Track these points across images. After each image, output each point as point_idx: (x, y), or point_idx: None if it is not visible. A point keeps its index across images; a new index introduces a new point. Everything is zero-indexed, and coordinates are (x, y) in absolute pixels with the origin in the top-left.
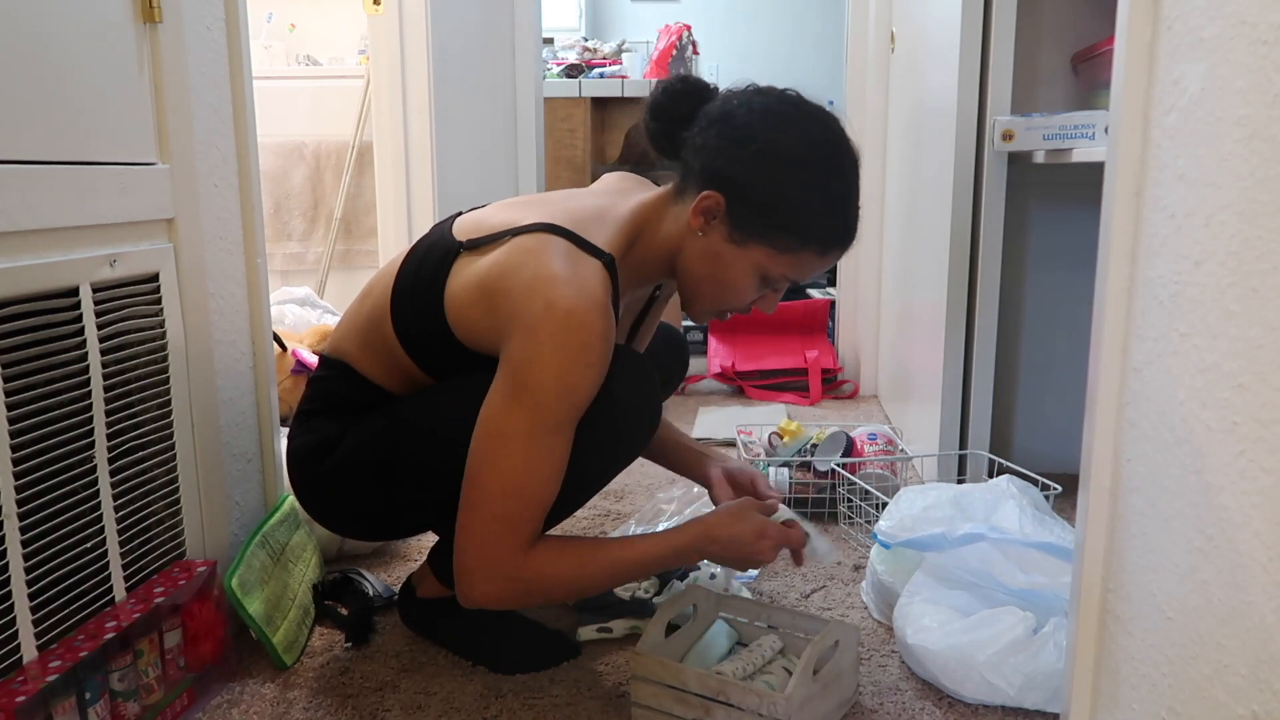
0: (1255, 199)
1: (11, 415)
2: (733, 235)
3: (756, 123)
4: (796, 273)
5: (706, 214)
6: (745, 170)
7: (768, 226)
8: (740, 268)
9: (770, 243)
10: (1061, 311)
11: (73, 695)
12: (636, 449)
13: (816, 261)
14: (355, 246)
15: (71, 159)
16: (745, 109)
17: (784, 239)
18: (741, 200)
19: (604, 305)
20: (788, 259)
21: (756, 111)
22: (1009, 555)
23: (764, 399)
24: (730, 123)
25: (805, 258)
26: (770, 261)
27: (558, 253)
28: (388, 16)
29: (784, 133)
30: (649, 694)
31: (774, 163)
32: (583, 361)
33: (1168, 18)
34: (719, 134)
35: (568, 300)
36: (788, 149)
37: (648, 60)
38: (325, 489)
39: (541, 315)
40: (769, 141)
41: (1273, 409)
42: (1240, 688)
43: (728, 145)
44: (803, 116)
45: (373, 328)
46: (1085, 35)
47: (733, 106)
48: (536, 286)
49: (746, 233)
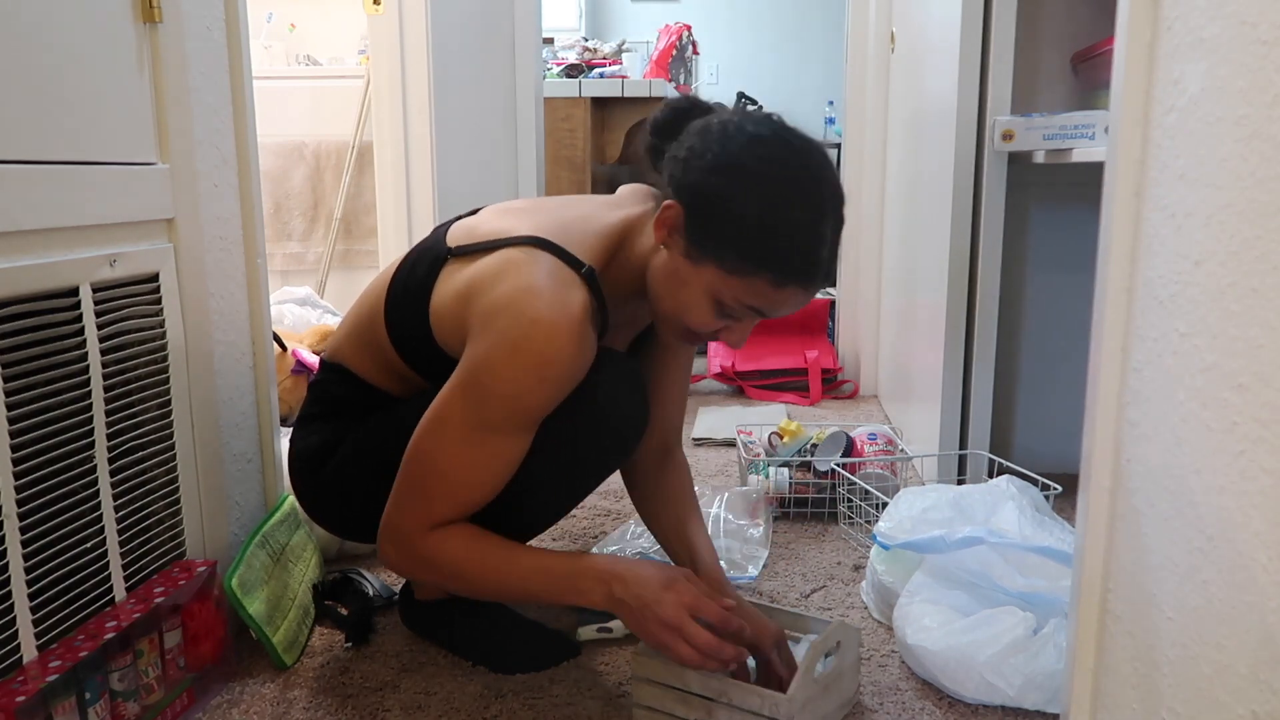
0: (1255, 199)
1: (11, 415)
2: (689, 250)
3: (728, 135)
4: (751, 299)
5: (669, 226)
6: (703, 180)
7: (719, 245)
8: (695, 287)
9: (720, 262)
10: (1061, 311)
11: (73, 695)
12: (623, 454)
13: (771, 292)
14: (355, 246)
15: (72, 159)
16: (721, 125)
17: (733, 258)
18: (698, 212)
19: (578, 324)
20: (738, 283)
21: (732, 128)
22: (1008, 559)
23: (764, 399)
24: (704, 138)
25: (758, 285)
26: (721, 283)
27: (542, 268)
28: (388, 16)
29: (750, 148)
30: (651, 695)
31: (732, 175)
32: (538, 374)
33: (1168, 18)
34: (690, 146)
35: (539, 312)
36: (750, 164)
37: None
38: (327, 492)
39: (510, 324)
40: (733, 154)
41: (1273, 409)
42: (1240, 688)
43: (694, 158)
44: (777, 139)
45: (369, 331)
46: (1085, 35)
47: (711, 122)
48: (513, 297)
49: (700, 249)
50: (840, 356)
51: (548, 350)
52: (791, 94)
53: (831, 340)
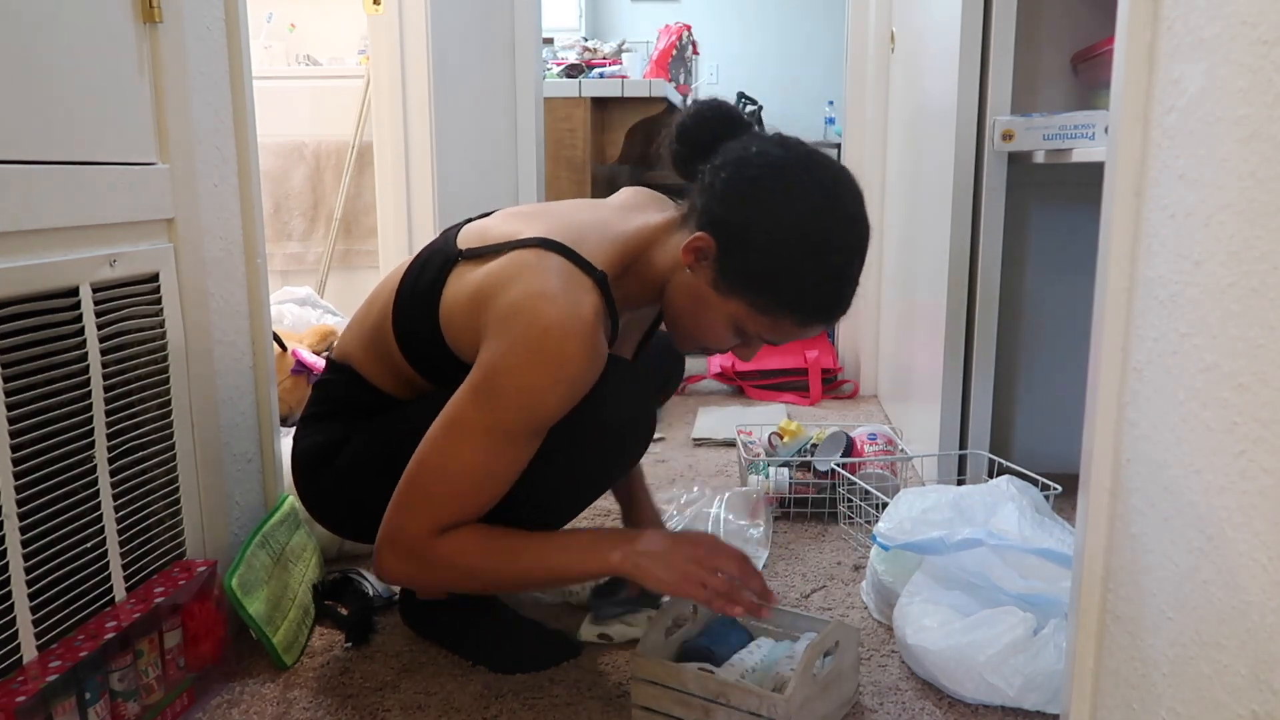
0: (1255, 199)
1: (11, 415)
2: (717, 282)
3: (767, 178)
4: (772, 334)
5: (697, 254)
6: (741, 224)
7: (751, 285)
8: (718, 314)
9: (750, 301)
10: (1061, 311)
11: (73, 695)
12: (631, 458)
13: (794, 330)
14: (355, 246)
15: (72, 159)
16: (761, 159)
17: (764, 302)
18: (731, 252)
19: (590, 327)
20: (764, 320)
21: (772, 167)
22: (1007, 560)
23: (764, 399)
24: (742, 170)
25: (783, 324)
26: (747, 318)
27: (553, 270)
28: (388, 16)
29: (791, 197)
30: (649, 695)
31: (771, 225)
32: (551, 377)
33: (1168, 18)
34: (728, 178)
35: (551, 316)
36: (790, 215)
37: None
38: (330, 493)
39: (522, 326)
40: (773, 202)
41: (1273, 409)
42: (1240, 688)
43: (732, 193)
44: (814, 182)
45: (376, 333)
46: (1085, 35)
47: (750, 154)
48: (525, 300)
49: (730, 284)
50: (840, 356)
51: (562, 353)
52: (791, 94)
53: (831, 340)
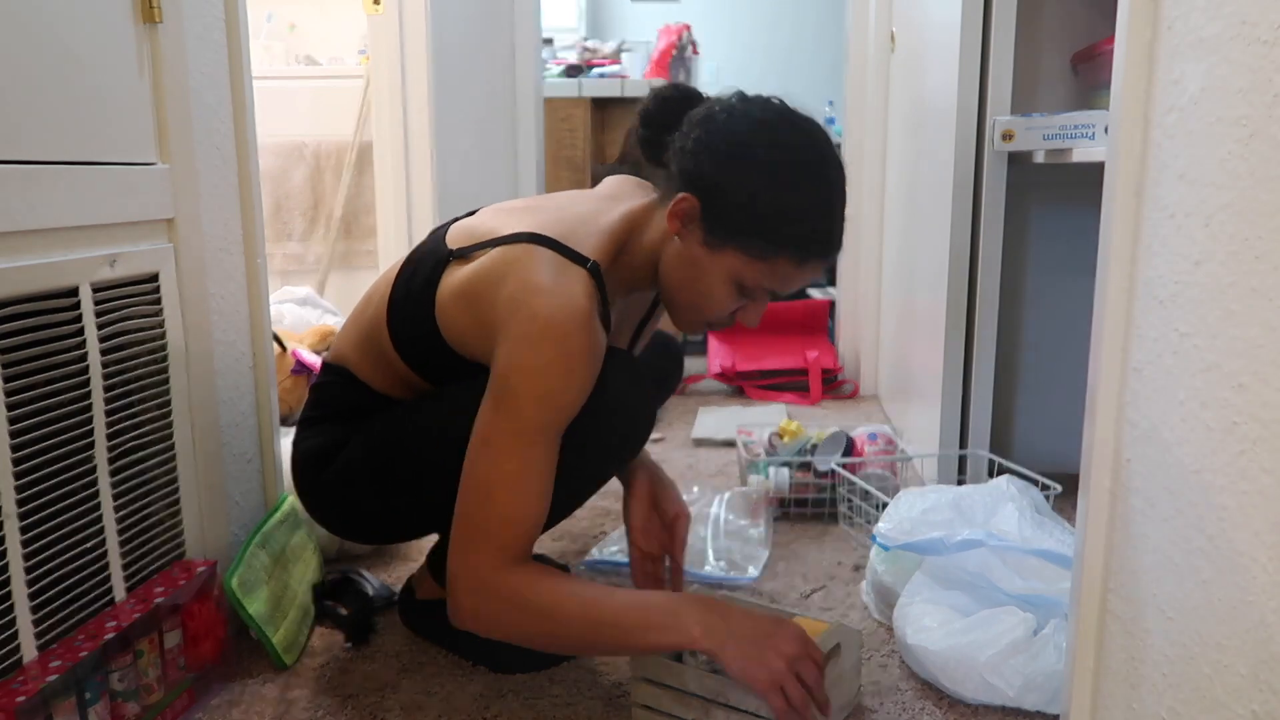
0: (1255, 199)
1: (11, 415)
2: (707, 240)
3: (735, 126)
4: (773, 281)
5: (683, 218)
6: (718, 171)
7: (740, 230)
8: (715, 274)
9: (743, 248)
10: (1061, 311)
11: (73, 695)
12: (630, 451)
13: (793, 271)
14: (355, 246)
15: (71, 159)
16: (726, 113)
17: (757, 244)
18: (715, 203)
19: (587, 315)
20: (761, 266)
21: (737, 115)
22: (1007, 561)
23: (764, 399)
24: (709, 126)
25: (780, 266)
26: (745, 268)
27: (542, 263)
28: (388, 16)
29: (760, 135)
30: (649, 694)
31: (747, 164)
32: (562, 369)
33: (1168, 18)
34: (697, 137)
35: (548, 310)
36: (763, 151)
37: (648, 60)
38: (329, 494)
39: (523, 325)
40: (744, 144)
41: (1273, 409)
42: (1240, 688)
43: (704, 148)
44: (783, 122)
45: (371, 334)
46: (1085, 35)
47: (714, 110)
48: (519, 297)
49: (720, 237)
50: (840, 356)
51: (565, 347)
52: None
53: (831, 340)
